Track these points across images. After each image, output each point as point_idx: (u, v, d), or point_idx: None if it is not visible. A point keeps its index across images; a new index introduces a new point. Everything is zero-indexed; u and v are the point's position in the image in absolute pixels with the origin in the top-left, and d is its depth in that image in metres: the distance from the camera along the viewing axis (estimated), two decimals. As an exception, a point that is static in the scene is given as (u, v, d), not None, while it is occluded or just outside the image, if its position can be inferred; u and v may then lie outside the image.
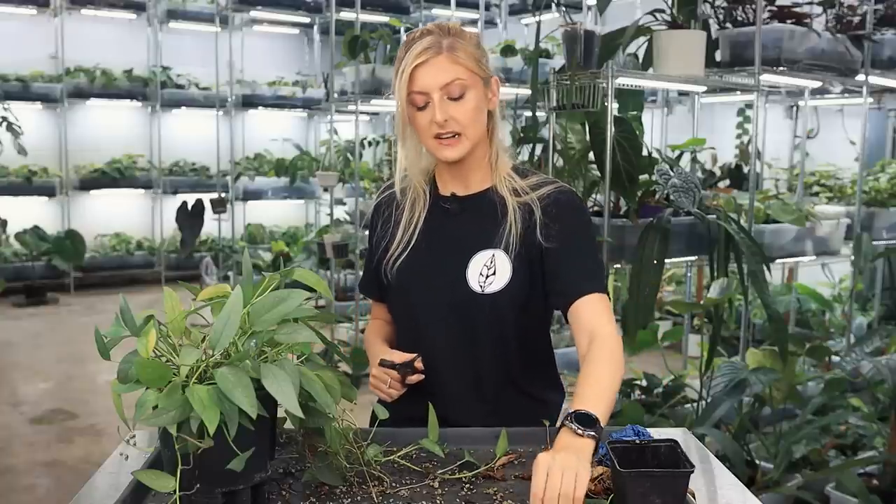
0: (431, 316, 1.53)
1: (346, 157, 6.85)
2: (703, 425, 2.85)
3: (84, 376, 5.33)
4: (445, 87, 1.43)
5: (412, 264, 1.55)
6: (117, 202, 8.97)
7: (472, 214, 1.55)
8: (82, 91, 8.50)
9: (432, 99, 1.44)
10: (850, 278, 4.22)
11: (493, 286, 1.49)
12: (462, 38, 1.46)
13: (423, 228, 1.56)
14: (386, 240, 1.59)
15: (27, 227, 7.96)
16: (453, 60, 1.43)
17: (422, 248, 1.55)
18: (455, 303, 1.51)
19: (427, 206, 1.57)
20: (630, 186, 2.93)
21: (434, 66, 1.43)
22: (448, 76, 1.43)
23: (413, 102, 1.45)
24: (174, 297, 1.12)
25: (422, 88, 1.43)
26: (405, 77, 1.43)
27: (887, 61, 3.86)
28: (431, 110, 1.44)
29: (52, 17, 8.38)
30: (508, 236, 1.49)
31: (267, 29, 9.53)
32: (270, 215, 9.33)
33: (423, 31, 1.48)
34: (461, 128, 1.45)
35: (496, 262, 1.50)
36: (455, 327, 1.51)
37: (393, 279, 1.56)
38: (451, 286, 1.51)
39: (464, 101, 1.45)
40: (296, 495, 1.21)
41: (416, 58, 1.43)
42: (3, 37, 8.21)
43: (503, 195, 1.52)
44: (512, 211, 1.50)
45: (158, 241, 8.90)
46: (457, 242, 1.53)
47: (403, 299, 1.58)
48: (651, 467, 1.14)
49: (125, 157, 8.82)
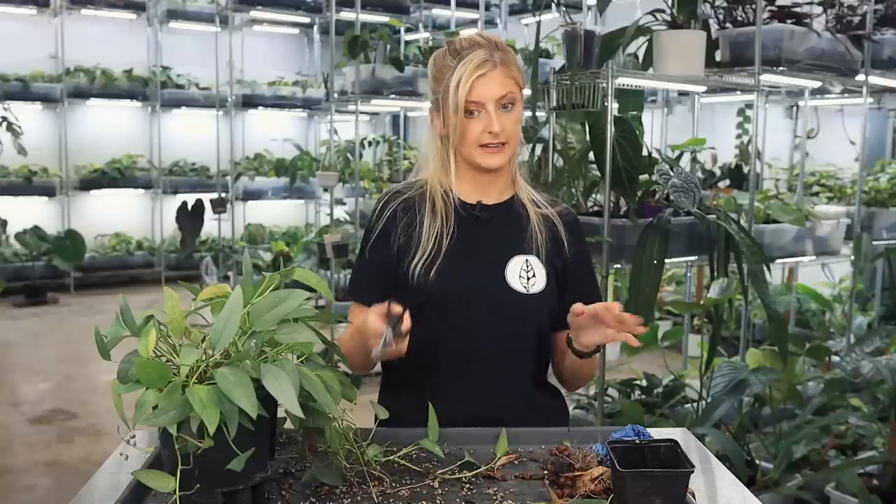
0: (476, 316, 1.55)
1: (346, 157, 6.85)
2: (703, 425, 2.85)
3: (84, 376, 5.33)
4: (500, 98, 1.52)
5: (449, 269, 1.55)
6: (117, 202, 8.97)
7: (500, 222, 1.62)
8: (82, 91, 8.50)
9: (487, 110, 1.51)
10: (850, 278, 4.22)
11: (535, 287, 1.57)
12: (509, 54, 1.56)
13: (455, 235, 1.58)
14: (412, 245, 1.58)
15: (27, 227, 7.96)
16: (507, 74, 1.53)
17: (456, 254, 1.57)
18: (499, 303, 1.56)
19: (451, 213, 1.60)
20: (630, 186, 2.93)
21: (492, 79, 1.51)
22: (504, 89, 1.52)
23: (466, 110, 1.52)
24: (174, 297, 1.12)
25: (479, 98, 1.51)
26: (465, 87, 1.50)
27: (887, 61, 3.86)
28: (483, 120, 1.52)
29: (52, 17, 8.38)
30: (538, 243, 1.60)
31: (267, 29, 9.52)
32: (270, 215, 9.33)
33: (471, 43, 1.54)
34: (508, 138, 1.54)
35: (533, 266, 1.58)
36: (500, 327, 1.56)
37: (429, 284, 1.55)
38: (493, 288, 1.56)
39: (513, 113, 1.54)
40: (296, 495, 1.21)
41: (476, 69, 1.50)
42: (3, 37, 8.21)
43: (525, 204, 1.62)
44: (535, 219, 1.61)
45: (158, 241, 8.90)
46: (491, 248, 1.59)
47: (442, 304, 1.56)
48: (651, 467, 1.14)
49: (125, 157, 8.82)
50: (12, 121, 6.45)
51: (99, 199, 8.82)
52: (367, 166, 7.06)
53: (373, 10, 6.41)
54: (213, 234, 8.33)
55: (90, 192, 8.66)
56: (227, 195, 7.73)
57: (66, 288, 8.24)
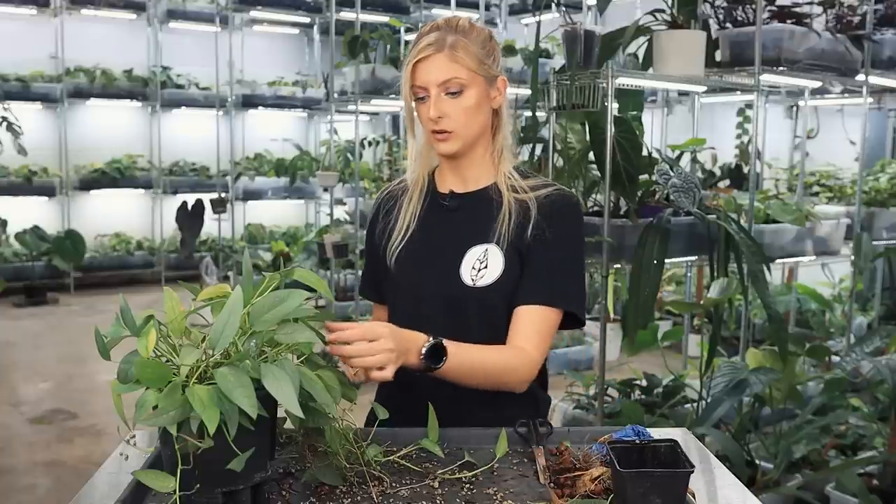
0: (427, 308, 1.54)
1: (346, 157, 6.85)
2: (703, 425, 2.85)
3: (84, 376, 5.33)
4: (443, 84, 1.46)
5: (409, 255, 1.57)
6: (117, 202, 8.97)
7: (469, 212, 1.56)
8: (82, 91, 8.50)
9: (430, 94, 1.47)
10: (850, 278, 4.22)
11: (484, 280, 1.50)
12: (467, 37, 1.47)
13: (420, 221, 1.58)
14: (388, 231, 1.61)
15: (27, 227, 7.96)
16: (453, 59, 1.45)
17: (418, 241, 1.57)
18: (448, 296, 1.52)
19: (425, 199, 1.60)
20: (630, 186, 2.93)
21: (433, 63, 1.46)
22: (445, 74, 1.46)
23: (415, 95, 1.50)
24: (174, 297, 1.12)
25: (421, 83, 1.47)
26: (408, 70, 1.48)
27: (887, 61, 3.86)
28: (429, 105, 1.47)
29: (52, 17, 8.38)
30: (501, 230, 1.51)
31: (267, 29, 9.53)
32: (270, 215, 9.33)
33: (432, 26, 1.50)
34: (453, 125, 1.48)
35: (489, 256, 1.51)
36: (449, 320, 1.51)
37: (392, 267, 1.58)
38: (446, 280, 1.52)
39: (461, 99, 1.47)
40: (296, 495, 1.21)
41: (419, 53, 1.47)
42: (3, 37, 8.22)
43: (501, 191, 1.54)
44: (507, 205, 1.52)
45: (158, 241, 8.91)
46: (452, 238, 1.55)
47: (402, 290, 1.59)
48: (651, 467, 1.14)
49: (125, 157, 8.82)
50: (12, 121, 6.46)
51: (99, 199, 8.82)
52: (367, 166, 7.06)
53: (373, 10, 6.41)
54: (213, 234, 8.33)
55: (90, 192, 8.66)
56: (227, 195, 7.73)
57: (66, 288, 8.24)
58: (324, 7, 7.20)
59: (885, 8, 3.82)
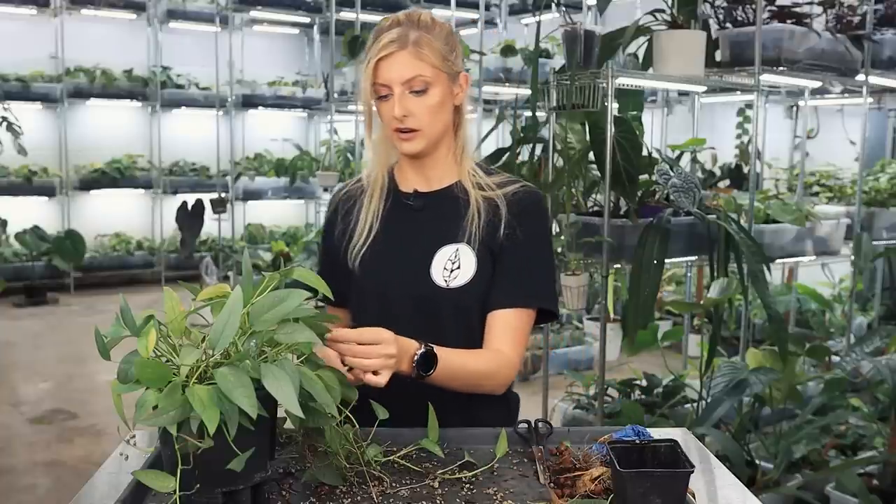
0: (396, 308, 1.51)
1: (346, 157, 6.86)
2: (703, 425, 2.85)
3: (84, 376, 5.33)
4: (407, 82, 1.43)
5: (375, 256, 1.53)
6: (117, 202, 8.97)
7: (434, 211, 1.54)
8: (82, 91, 8.50)
9: (394, 92, 1.43)
10: (850, 278, 4.22)
11: (457, 280, 1.48)
12: (430, 32, 1.44)
13: (384, 222, 1.55)
14: (348, 233, 1.57)
15: (27, 227, 7.95)
16: (417, 56, 1.42)
17: (382, 241, 1.54)
18: (418, 296, 1.49)
19: (386, 199, 1.56)
20: (630, 186, 2.93)
21: (397, 60, 1.42)
22: (410, 72, 1.42)
23: (377, 93, 1.46)
24: (174, 297, 1.12)
25: (384, 81, 1.44)
26: (370, 69, 1.44)
27: (887, 61, 3.86)
28: (393, 103, 1.44)
29: (52, 17, 8.37)
30: (471, 229, 1.49)
31: (267, 29, 9.53)
32: (270, 215, 9.33)
33: (392, 21, 1.46)
34: (419, 124, 1.45)
35: (460, 256, 1.49)
36: (421, 321, 1.48)
37: (357, 270, 1.54)
38: (416, 281, 1.50)
39: (425, 97, 1.44)
40: (296, 495, 1.21)
41: (381, 50, 1.43)
42: (3, 37, 8.21)
43: (467, 190, 1.52)
44: (475, 203, 1.50)
45: (158, 241, 8.90)
46: (419, 239, 1.52)
47: (368, 291, 1.55)
48: (651, 467, 1.14)
49: (125, 157, 8.82)
50: (12, 121, 6.46)
51: (99, 199, 8.82)
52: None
53: (373, 10, 6.42)
54: (213, 234, 8.33)
55: (90, 192, 8.65)
56: (227, 195, 7.74)
57: (66, 288, 8.24)
58: (324, 7, 7.21)
59: (885, 8, 3.82)
